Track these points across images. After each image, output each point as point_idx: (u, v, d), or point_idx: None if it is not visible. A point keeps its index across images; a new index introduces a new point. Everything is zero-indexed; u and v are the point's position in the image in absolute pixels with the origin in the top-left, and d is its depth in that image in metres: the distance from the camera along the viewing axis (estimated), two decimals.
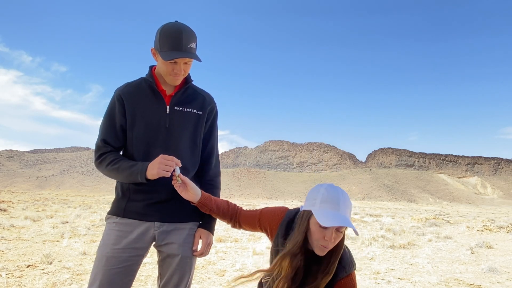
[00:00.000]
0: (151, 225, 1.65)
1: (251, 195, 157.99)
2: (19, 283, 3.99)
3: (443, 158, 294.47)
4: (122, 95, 1.66)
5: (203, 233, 1.74)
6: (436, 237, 9.57)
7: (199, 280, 4.52)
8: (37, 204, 21.10)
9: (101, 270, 1.57)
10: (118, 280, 1.58)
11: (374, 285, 4.65)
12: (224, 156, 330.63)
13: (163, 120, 1.67)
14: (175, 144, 1.68)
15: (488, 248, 8.14)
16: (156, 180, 1.62)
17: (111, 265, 1.58)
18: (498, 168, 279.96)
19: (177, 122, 1.68)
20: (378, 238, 8.88)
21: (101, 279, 1.56)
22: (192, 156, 1.74)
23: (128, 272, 1.61)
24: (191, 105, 1.73)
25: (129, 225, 1.64)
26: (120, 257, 1.59)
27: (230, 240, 8.17)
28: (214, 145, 1.85)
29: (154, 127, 1.66)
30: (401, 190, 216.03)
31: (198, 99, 1.76)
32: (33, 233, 7.95)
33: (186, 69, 1.65)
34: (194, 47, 1.60)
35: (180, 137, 1.69)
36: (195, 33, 1.61)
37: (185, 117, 1.70)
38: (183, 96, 1.73)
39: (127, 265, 1.60)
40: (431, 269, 5.71)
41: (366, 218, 16.88)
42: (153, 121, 1.66)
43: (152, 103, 1.68)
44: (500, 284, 4.89)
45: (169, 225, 1.67)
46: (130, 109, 1.66)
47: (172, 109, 1.68)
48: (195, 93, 1.78)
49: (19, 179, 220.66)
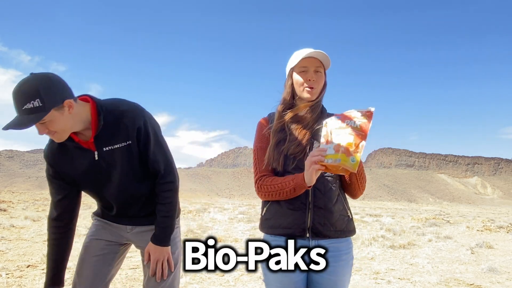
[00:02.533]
0: (125, 228, 1.75)
1: (251, 195, 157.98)
2: (19, 283, 3.99)
3: (443, 158, 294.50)
4: (49, 160, 1.59)
5: (150, 249, 1.64)
6: (436, 237, 9.57)
7: (199, 280, 4.52)
8: (37, 204, 21.07)
9: (79, 259, 1.70)
10: (93, 267, 1.67)
11: (374, 285, 4.65)
12: (224, 156, 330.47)
13: (98, 166, 1.58)
14: (120, 182, 1.63)
15: (488, 248, 8.14)
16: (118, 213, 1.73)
17: (88, 253, 1.69)
18: (498, 168, 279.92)
19: (112, 161, 1.58)
20: (378, 238, 8.87)
21: (78, 267, 1.68)
22: (141, 184, 1.67)
23: (105, 261, 1.70)
24: (117, 140, 1.55)
25: (107, 223, 1.77)
26: (97, 246, 1.71)
27: (230, 240, 8.16)
28: (156, 158, 1.64)
29: (93, 177, 1.60)
30: (401, 190, 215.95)
31: (120, 129, 1.55)
32: (33, 233, 7.94)
33: (51, 127, 1.40)
34: (35, 106, 1.31)
35: (122, 173, 1.61)
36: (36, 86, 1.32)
37: (117, 153, 1.57)
38: (104, 134, 1.53)
39: (104, 254, 1.70)
40: (431, 269, 5.71)
41: (366, 218, 16.87)
42: (90, 172, 1.58)
43: (79, 157, 1.56)
44: (500, 284, 4.89)
45: (141, 227, 1.74)
46: (61, 171, 1.60)
47: (101, 152, 1.55)
48: (115, 122, 1.54)
49: (19, 179, 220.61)
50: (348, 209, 1.56)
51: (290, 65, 1.60)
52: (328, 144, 1.29)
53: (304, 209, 1.48)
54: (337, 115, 1.34)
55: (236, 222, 12.85)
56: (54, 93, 1.36)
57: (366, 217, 18.10)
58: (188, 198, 53.21)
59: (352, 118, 1.30)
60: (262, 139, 1.60)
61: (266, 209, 1.58)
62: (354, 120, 1.29)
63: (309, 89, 1.54)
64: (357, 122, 1.28)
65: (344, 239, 1.53)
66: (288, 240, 1.50)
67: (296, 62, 1.55)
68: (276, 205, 1.54)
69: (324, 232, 1.48)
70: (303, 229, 1.48)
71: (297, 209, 1.49)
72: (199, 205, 22.96)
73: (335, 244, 1.50)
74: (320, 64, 1.55)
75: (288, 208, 1.50)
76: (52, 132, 1.41)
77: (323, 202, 1.47)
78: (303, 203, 1.48)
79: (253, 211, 19.00)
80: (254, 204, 29.25)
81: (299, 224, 1.48)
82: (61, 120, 1.40)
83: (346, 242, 1.54)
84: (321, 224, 1.47)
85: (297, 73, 1.56)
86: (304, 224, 1.48)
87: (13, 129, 1.33)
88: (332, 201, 1.49)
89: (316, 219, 1.47)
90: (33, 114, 1.32)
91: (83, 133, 1.54)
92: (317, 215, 1.47)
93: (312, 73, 1.54)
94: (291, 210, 1.49)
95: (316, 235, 1.48)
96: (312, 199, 1.48)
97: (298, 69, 1.56)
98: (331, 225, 1.48)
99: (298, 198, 1.49)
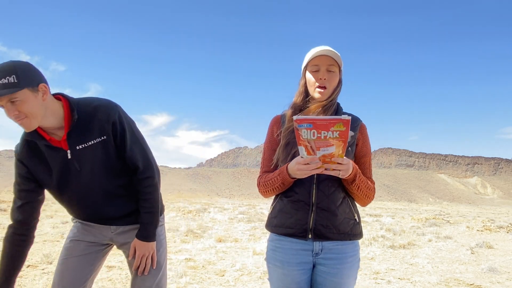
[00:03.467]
0: (109, 228, 1.71)
1: (251, 195, 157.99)
2: (19, 283, 3.99)
3: (443, 158, 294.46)
4: (22, 160, 1.55)
5: (136, 244, 1.65)
6: (436, 237, 9.56)
7: (199, 280, 4.52)
8: None
9: (60, 259, 1.66)
10: (74, 268, 1.64)
11: (374, 285, 4.65)
12: (224, 156, 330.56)
13: (71, 166, 1.53)
14: (94, 182, 1.59)
15: (488, 248, 8.14)
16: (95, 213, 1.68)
17: (68, 254, 1.66)
18: (498, 168, 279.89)
19: (85, 160, 1.54)
20: (378, 238, 8.88)
21: (58, 268, 1.65)
22: (119, 179, 1.64)
23: (87, 261, 1.67)
24: (91, 136, 1.51)
25: (89, 226, 1.72)
26: (78, 247, 1.67)
27: (230, 240, 8.16)
28: (134, 153, 1.60)
29: (67, 177, 1.55)
30: (401, 190, 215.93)
31: (94, 125, 1.51)
32: None
33: (21, 109, 1.34)
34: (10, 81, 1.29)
35: (97, 172, 1.57)
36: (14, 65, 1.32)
37: (92, 150, 1.53)
38: (77, 131, 1.50)
39: (85, 254, 1.67)
40: (431, 269, 5.71)
41: (366, 218, 16.87)
42: (62, 172, 1.54)
43: (50, 157, 1.52)
44: (500, 284, 4.90)
45: (125, 227, 1.71)
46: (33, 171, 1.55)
47: (74, 150, 1.51)
48: (88, 119, 1.51)
49: None
50: (355, 213, 1.53)
51: (304, 63, 1.59)
52: (311, 156, 1.28)
53: (307, 209, 1.48)
54: (307, 122, 1.22)
55: (236, 222, 12.85)
56: (31, 75, 1.35)
57: (366, 217, 18.10)
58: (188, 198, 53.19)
59: (328, 129, 1.22)
60: (271, 140, 1.61)
61: (272, 208, 1.61)
62: (331, 130, 1.22)
63: (320, 89, 1.52)
64: (335, 133, 1.22)
65: (350, 242, 1.51)
66: (291, 240, 1.50)
67: (308, 60, 1.54)
68: (280, 203, 1.56)
69: (326, 234, 1.47)
70: (304, 230, 1.47)
71: (300, 209, 1.49)
72: (199, 205, 22.94)
73: (340, 246, 1.49)
74: (333, 62, 1.52)
75: (292, 208, 1.51)
76: (22, 115, 1.35)
77: (326, 204, 1.47)
78: (306, 204, 1.48)
79: (253, 211, 18.99)
80: (254, 204, 29.26)
81: (301, 224, 1.48)
82: (33, 103, 1.35)
83: (352, 244, 1.52)
84: (323, 226, 1.46)
85: (309, 72, 1.55)
86: (306, 225, 1.47)
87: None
88: (336, 203, 1.48)
89: (319, 220, 1.46)
90: (6, 88, 1.29)
91: (55, 133, 1.51)
92: (320, 217, 1.46)
93: (324, 72, 1.51)
94: (295, 210, 1.50)
95: (319, 237, 1.47)
96: (315, 200, 1.47)
97: (310, 68, 1.54)
98: (334, 227, 1.47)
99: (301, 199, 1.49)
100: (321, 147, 1.25)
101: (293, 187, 1.51)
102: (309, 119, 1.23)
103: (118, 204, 1.68)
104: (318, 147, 1.26)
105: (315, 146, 1.26)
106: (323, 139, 1.24)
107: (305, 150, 1.28)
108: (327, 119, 1.22)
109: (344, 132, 1.22)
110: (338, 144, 1.25)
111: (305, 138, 1.25)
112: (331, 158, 1.27)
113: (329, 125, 1.22)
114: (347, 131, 1.22)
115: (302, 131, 1.25)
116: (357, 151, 1.57)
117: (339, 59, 1.53)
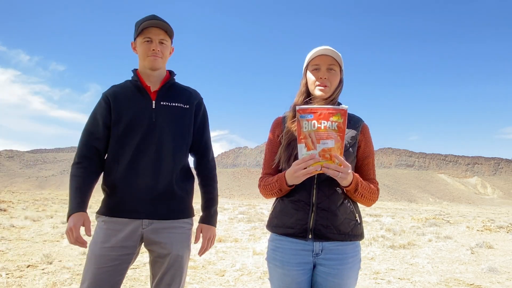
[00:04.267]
0: (140, 223, 1.63)
1: (251, 195, 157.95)
2: (19, 283, 3.99)
3: (443, 158, 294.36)
4: (108, 95, 1.70)
5: (203, 228, 1.77)
6: (436, 237, 9.56)
7: (199, 280, 4.52)
8: (37, 204, 21.07)
9: (90, 269, 1.58)
10: (107, 279, 1.57)
11: (374, 285, 4.65)
12: (224, 156, 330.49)
13: (149, 114, 1.67)
14: (160, 139, 1.66)
15: (488, 248, 8.13)
16: (144, 174, 1.63)
17: (100, 264, 1.58)
18: (498, 168, 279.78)
19: (163, 116, 1.68)
20: (378, 238, 8.88)
21: (90, 278, 1.56)
22: (178, 151, 1.70)
23: (117, 271, 1.60)
24: (177, 100, 1.72)
25: (117, 224, 1.63)
26: (109, 255, 1.59)
27: (230, 240, 8.16)
28: (208, 139, 1.83)
29: (140, 121, 1.66)
30: (401, 190, 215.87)
31: (184, 94, 1.77)
32: (33, 233, 7.94)
33: (163, 50, 1.69)
34: (170, 26, 1.69)
35: (167, 131, 1.67)
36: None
37: (172, 111, 1.70)
38: (168, 91, 1.74)
39: (116, 264, 1.59)
40: (431, 269, 5.71)
41: (366, 218, 16.87)
42: (139, 116, 1.66)
43: (137, 99, 1.69)
44: (500, 284, 4.89)
45: (158, 223, 1.65)
46: (115, 106, 1.68)
47: (158, 104, 1.69)
48: (181, 88, 1.79)
49: (19, 179, 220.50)
50: (356, 213, 1.53)
51: (305, 63, 1.61)
52: (311, 150, 1.31)
53: (308, 210, 1.47)
54: (308, 112, 1.33)
55: (236, 222, 12.85)
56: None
57: (366, 217, 18.09)
58: None
59: (328, 119, 1.30)
60: (272, 142, 1.62)
61: (273, 208, 1.61)
62: (331, 121, 1.30)
63: (322, 87, 1.53)
64: (334, 124, 1.30)
65: (351, 243, 1.51)
66: (291, 240, 1.50)
67: (308, 60, 1.56)
68: (281, 204, 1.56)
69: (326, 234, 1.46)
70: (305, 230, 1.47)
71: (300, 209, 1.49)
72: (199, 205, 22.91)
73: (340, 247, 1.48)
74: (333, 62, 1.54)
75: (292, 208, 1.51)
76: (160, 54, 1.68)
77: (326, 204, 1.46)
78: (307, 204, 1.48)
79: (253, 211, 18.97)
80: (254, 204, 29.24)
81: (302, 224, 1.47)
82: (167, 52, 1.74)
83: (353, 245, 1.51)
84: (323, 226, 1.46)
85: (310, 71, 1.57)
86: (306, 225, 1.47)
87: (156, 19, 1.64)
88: (336, 204, 1.47)
89: (319, 220, 1.46)
90: (165, 23, 1.67)
91: (153, 83, 1.73)
92: (320, 217, 1.46)
93: (324, 71, 1.54)
94: (295, 210, 1.50)
95: (319, 237, 1.46)
96: (315, 200, 1.47)
97: (311, 67, 1.57)
98: (334, 228, 1.46)
99: (302, 199, 1.49)
100: (321, 139, 1.30)
101: (294, 187, 1.50)
102: (310, 108, 1.33)
103: (172, 181, 1.66)
104: (318, 139, 1.30)
105: (315, 139, 1.30)
106: (323, 129, 1.30)
107: (305, 146, 1.32)
108: (327, 107, 1.33)
109: (342, 124, 1.30)
110: (337, 139, 1.30)
111: (306, 131, 1.31)
112: (330, 153, 1.30)
113: (329, 115, 1.30)
114: (344, 122, 1.31)
115: (303, 122, 1.32)
116: (360, 153, 1.56)
117: (339, 59, 1.54)
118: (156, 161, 1.64)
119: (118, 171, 1.65)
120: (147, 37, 1.65)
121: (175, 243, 1.65)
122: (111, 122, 1.67)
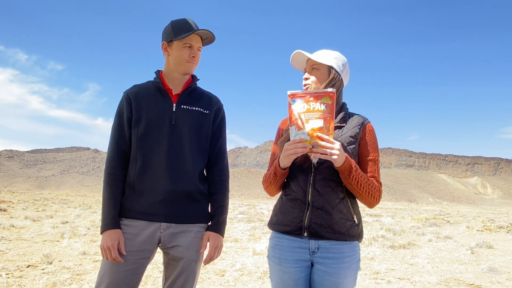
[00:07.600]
0: (158, 226, 1.63)
1: (251, 195, 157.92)
2: (19, 283, 3.99)
3: (443, 158, 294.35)
4: (130, 95, 1.72)
5: (211, 236, 1.72)
6: (436, 237, 9.57)
7: (199, 280, 4.52)
8: (37, 204, 21.08)
9: (107, 273, 1.58)
10: (124, 282, 1.58)
11: (374, 285, 4.65)
12: None
13: (169, 117, 1.68)
14: (179, 141, 1.67)
15: (488, 248, 8.14)
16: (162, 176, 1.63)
17: (118, 268, 1.58)
18: (498, 168, 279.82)
19: (183, 119, 1.69)
20: (378, 238, 8.88)
21: (107, 282, 1.57)
22: (196, 155, 1.71)
23: (134, 274, 1.61)
24: (197, 104, 1.74)
25: (135, 227, 1.63)
26: (127, 260, 1.59)
27: (230, 240, 8.17)
28: (222, 146, 1.82)
29: (159, 123, 1.67)
30: (401, 190, 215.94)
31: (204, 99, 1.78)
32: (33, 233, 7.95)
33: (198, 58, 1.73)
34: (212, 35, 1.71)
35: (186, 134, 1.68)
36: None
37: (192, 115, 1.71)
38: (190, 95, 1.75)
39: (134, 268, 1.61)
40: (431, 269, 5.72)
41: (366, 218, 16.88)
42: (159, 117, 1.68)
43: (158, 100, 1.71)
44: (500, 284, 4.90)
45: (176, 226, 1.65)
46: (136, 106, 1.69)
47: (179, 107, 1.70)
48: (202, 93, 1.81)
49: (19, 179, 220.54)
50: (354, 214, 1.53)
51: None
52: (301, 130, 1.38)
53: (303, 208, 1.50)
54: (298, 96, 1.43)
55: (236, 222, 12.87)
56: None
57: (366, 217, 18.11)
58: None
59: (316, 101, 1.40)
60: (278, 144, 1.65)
61: (274, 207, 1.66)
62: (320, 102, 1.39)
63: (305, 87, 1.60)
64: (322, 105, 1.39)
65: (348, 242, 1.51)
66: (288, 237, 1.53)
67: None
68: (280, 202, 1.61)
69: (321, 233, 1.48)
70: (300, 228, 1.49)
71: (296, 207, 1.52)
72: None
73: (337, 246, 1.49)
74: (313, 61, 1.58)
75: (290, 206, 1.54)
76: (197, 60, 1.73)
77: (321, 203, 1.48)
78: (303, 202, 1.51)
79: (253, 211, 18.99)
80: (254, 204, 29.26)
81: (297, 222, 1.50)
82: (199, 57, 1.76)
83: (350, 245, 1.52)
84: (317, 224, 1.48)
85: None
86: (301, 223, 1.49)
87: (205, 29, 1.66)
88: (332, 203, 1.48)
89: (313, 219, 1.48)
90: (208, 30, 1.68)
91: (175, 86, 1.75)
92: (315, 215, 1.48)
93: (307, 74, 1.61)
94: (292, 208, 1.53)
95: (314, 235, 1.48)
96: (311, 199, 1.49)
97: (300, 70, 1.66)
98: (329, 227, 1.47)
99: (298, 197, 1.51)
100: (310, 119, 1.38)
101: (291, 186, 1.55)
102: (300, 92, 1.44)
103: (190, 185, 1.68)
104: (308, 119, 1.38)
105: (304, 119, 1.39)
106: (312, 110, 1.39)
107: (296, 127, 1.40)
108: (316, 91, 1.42)
109: (330, 105, 1.39)
110: (326, 119, 1.38)
111: (296, 113, 1.40)
112: (317, 133, 1.36)
113: (318, 97, 1.40)
114: (333, 104, 1.39)
115: (294, 105, 1.42)
116: (360, 150, 1.57)
117: (319, 59, 1.56)
118: (175, 164, 1.65)
119: (136, 172, 1.66)
120: (189, 43, 1.67)
121: (191, 248, 1.66)
122: (132, 121, 1.69)
